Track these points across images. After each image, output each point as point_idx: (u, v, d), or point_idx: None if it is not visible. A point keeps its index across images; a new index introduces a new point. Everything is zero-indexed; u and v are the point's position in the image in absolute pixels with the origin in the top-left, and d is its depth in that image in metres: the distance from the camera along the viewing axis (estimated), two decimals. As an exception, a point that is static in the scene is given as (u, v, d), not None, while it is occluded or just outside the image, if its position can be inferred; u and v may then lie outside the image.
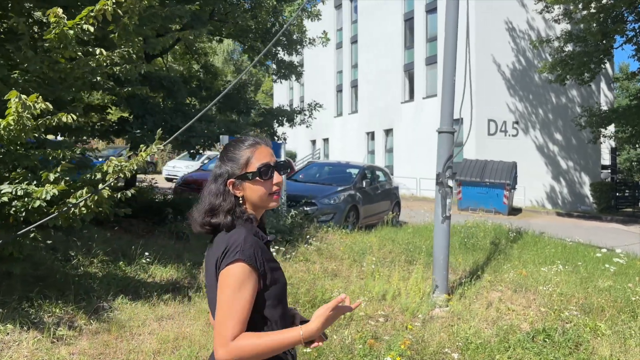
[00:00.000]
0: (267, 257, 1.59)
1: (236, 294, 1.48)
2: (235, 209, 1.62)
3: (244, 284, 1.49)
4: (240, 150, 1.65)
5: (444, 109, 5.76)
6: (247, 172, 1.62)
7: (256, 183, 1.62)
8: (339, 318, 1.68)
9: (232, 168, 1.64)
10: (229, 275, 1.49)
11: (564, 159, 26.85)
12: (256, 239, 1.58)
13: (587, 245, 10.46)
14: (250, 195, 1.63)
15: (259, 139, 1.73)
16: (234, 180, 1.63)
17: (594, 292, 6.66)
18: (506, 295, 6.51)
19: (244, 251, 1.51)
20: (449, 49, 5.76)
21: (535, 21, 25.05)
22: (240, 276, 1.49)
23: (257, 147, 1.66)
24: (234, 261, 1.50)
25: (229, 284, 1.49)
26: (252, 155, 1.64)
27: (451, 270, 7.49)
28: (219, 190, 1.64)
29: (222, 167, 1.67)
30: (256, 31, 9.88)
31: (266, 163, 1.63)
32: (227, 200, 1.62)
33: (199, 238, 7.38)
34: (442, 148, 5.75)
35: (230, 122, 7.61)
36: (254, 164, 1.62)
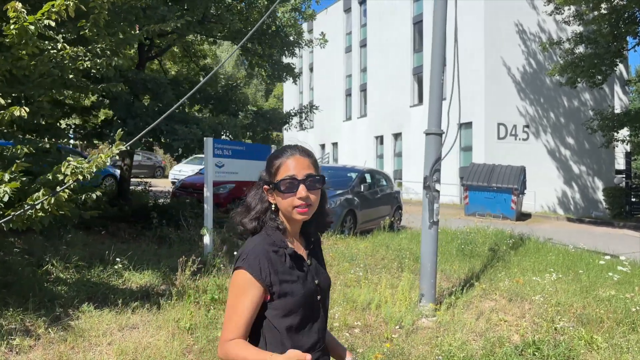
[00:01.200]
0: (278, 269, 1.58)
1: (236, 300, 1.53)
2: (265, 216, 1.64)
3: (244, 291, 1.52)
4: (275, 159, 1.65)
5: (432, 109, 5.53)
6: (274, 181, 1.62)
7: (279, 195, 1.61)
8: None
9: (266, 175, 1.66)
10: (232, 281, 1.57)
11: (577, 163, 26.31)
12: (270, 248, 1.58)
13: (592, 252, 10.10)
14: (279, 205, 1.63)
15: (298, 148, 1.69)
16: (268, 187, 1.64)
17: (594, 302, 6.34)
18: (500, 304, 6.23)
19: (248, 260, 1.54)
20: (436, 49, 5.53)
21: (547, 23, 24.61)
22: (240, 283, 1.53)
23: (290, 157, 1.63)
24: (237, 268, 1.55)
25: (231, 289, 1.56)
26: (280, 166, 1.63)
27: (445, 278, 7.23)
28: (256, 194, 1.67)
29: (263, 172, 1.69)
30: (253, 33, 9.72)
31: (291, 176, 1.59)
32: (258, 205, 1.65)
33: (183, 243, 7.22)
34: (429, 150, 5.51)
35: (217, 124, 7.44)
36: (280, 175, 1.61)
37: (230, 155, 6.78)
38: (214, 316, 4.49)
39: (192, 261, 5.21)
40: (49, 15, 4.26)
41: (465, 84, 25.75)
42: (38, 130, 5.73)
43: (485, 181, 17.92)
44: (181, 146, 6.79)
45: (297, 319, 1.61)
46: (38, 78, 4.73)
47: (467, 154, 25.02)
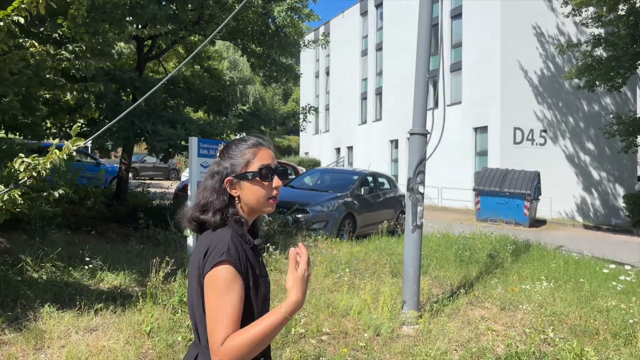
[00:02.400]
0: (252, 262, 1.51)
1: (224, 297, 1.40)
2: (228, 209, 1.55)
3: (231, 286, 1.41)
4: (242, 149, 1.59)
5: (417, 108, 5.32)
6: (247, 171, 1.55)
7: (255, 184, 1.55)
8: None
9: (232, 166, 1.57)
10: (216, 278, 1.41)
11: (596, 169, 25.59)
12: (242, 241, 1.51)
13: (600, 260, 9.71)
14: (246, 196, 1.56)
15: (262, 139, 1.65)
16: (232, 178, 1.56)
17: (591, 312, 6.04)
18: (491, 313, 5.97)
19: (230, 252, 1.43)
20: (422, 45, 5.33)
21: (566, 25, 24.05)
22: (227, 278, 1.41)
23: (260, 147, 1.60)
24: (219, 262, 1.42)
25: (215, 287, 1.41)
26: (253, 155, 1.58)
27: (437, 284, 6.99)
28: (215, 187, 1.57)
29: (220, 164, 1.60)
30: (251, 33, 9.63)
31: (267, 165, 1.57)
32: (220, 198, 1.55)
33: (170, 244, 7.12)
34: (413, 151, 5.30)
35: (206, 124, 7.33)
36: (254, 164, 1.56)
37: (217, 155, 6.65)
38: (180, 319, 4.35)
39: (165, 262, 5.08)
40: (19, 12, 4.19)
41: (480, 88, 25.49)
42: (19, 128, 5.70)
43: (498, 186, 17.52)
44: (164, 147, 6.69)
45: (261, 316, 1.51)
46: (10, 76, 4.66)
47: (482, 158, 24.57)
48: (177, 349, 3.92)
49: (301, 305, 1.45)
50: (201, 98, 8.75)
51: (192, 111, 9.41)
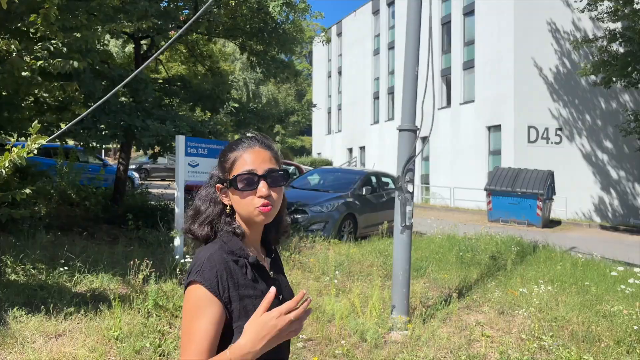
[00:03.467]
0: (239, 282, 1.30)
1: (193, 321, 1.24)
2: (220, 219, 1.38)
3: (200, 310, 1.24)
4: (230, 152, 1.40)
5: (406, 103, 5.08)
6: (227, 178, 1.36)
7: (235, 193, 1.35)
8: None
9: (219, 172, 1.41)
10: (186, 298, 1.28)
11: (615, 168, 24.92)
12: (229, 257, 1.31)
13: (613, 261, 9.34)
14: (235, 206, 1.37)
15: (257, 139, 1.42)
16: (221, 185, 1.38)
17: (595, 317, 5.74)
18: (488, 318, 5.70)
19: (204, 272, 1.26)
20: (410, 39, 5.09)
21: (582, 21, 23.46)
22: (195, 301, 1.25)
23: (248, 149, 1.38)
24: (191, 282, 1.27)
25: (185, 310, 1.27)
26: (236, 159, 1.37)
27: (435, 287, 6.73)
28: (207, 196, 1.42)
29: (215, 168, 1.44)
30: (250, 30, 9.47)
31: (249, 170, 1.33)
32: (209, 208, 1.39)
33: (160, 246, 6.98)
34: (402, 148, 5.06)
35: (197, 122, 7.16)
36: (234, 171, 1.35)
37: (206, 154, 6.49)
38: (153, 324, 4.19)
39: (145, 264, 4.93)
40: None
41: (493, 86, 25.02)
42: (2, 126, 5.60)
43: (510, 186, 17.11)
44: (152, 142, 6.55)
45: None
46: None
47: (496, 158, 24.12)
48: (144, 355, 3.75)
49: (249, 355, 1.19)
50: (197, 96, 8.62)
51: (189, 110, 9.27)
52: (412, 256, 8.09)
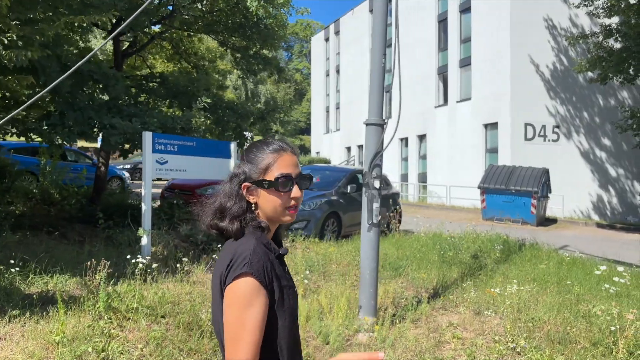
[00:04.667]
0: (277, 273, 1.40)
1: (245, 312, 1.29)
2: (246, 215, 1.46)
3: (252, 301, 1.30)
4: (262, 154, 1.48)
5: (372, 96, 4.90)
6: (264, 179, 1.45)
7: (272, 193, 1.45)
8: None
9: (250, 171, 1.48)
10: (236, 291, 1.31)
11: (613, 166, 24.67)
12: (267, 250, 1.41)
13: (603, 260, 9.12)
14: (263, 204, 1.46)
15: (286, 144, 1.53)
16: (249, 184, 1.46)
17: (575, 318, 5.54)
18: (463, 318, 5.51)
19: (252, 263, 1.33)
20: (377, 29, 4.91)
21: (579, 18, 23.20)
22: (247, 292, 1.31)
23: (282, 153, 1.48)
24: (240, 275, 1.32)
25: (235, 302, 1.31)
26: (273, 162, 1.46)
27: (411, 287, 6.55)
28: (232, 192, 1.47)
29: (240, 167, 1.51)
30: (232, 26, 9.30)
31: (287, 174, 1.45)
32: (237, 204, 1.46)
33: (130, 244, 6.81)
34: (369, 143, 4.88)
35: (168, 118, 6.96)
36: (273, 172, 1.45)
37: (175, 151, 6.33)
38: (101, 327, 4.01)
39: (103, 265, 4.76)
40: None
41: (490, 83, 24.77)
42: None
43: (504, 184, 16.88)
44: (119, 140, 6.37)
45: (293, 333, 1.43)
46: None
47: (492, 155, 23.89)
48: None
49: None
50: (173, 93, 8.44)
51: (166, 106, 9.11)
52: (393, 255, 7.94)
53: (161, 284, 5.22)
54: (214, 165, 6.91)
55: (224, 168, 7.08)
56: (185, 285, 5.27)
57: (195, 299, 4.91)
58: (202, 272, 5.79)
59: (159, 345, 3.86)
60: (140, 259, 4.88)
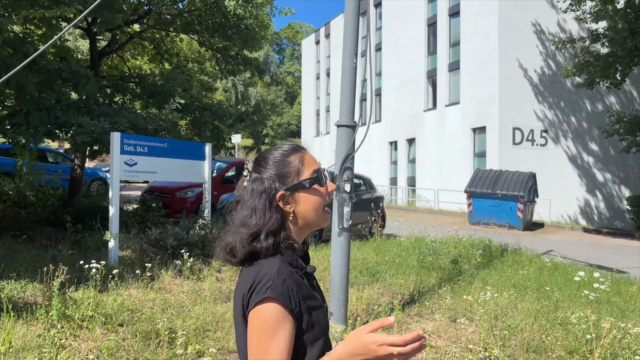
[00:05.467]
0: (305, 294, 1.29)
1: (269, 341, 1.19)
2: (281, 231, 1.33)
3: (278, 328, 1.20)
4: (285, 157, 1.39)
5: (344, 98, 4.76)
6: (301, 179, 1.36)
7: (312, 192, 1.37)
8: None
9: (281, 178, 1.36)
10: (259, 318, 1.21)
11: (601, 170, 24.72)
12: (293, 270, 1.30)
13: (588, 265, 9.02)
14: (304, 209, 1.37)
15: (297, 144, 1.46)
16: (284, 192, 1.35)
17: (552, 325, 5.41)
18: (438, 326, 5.36)
19: (276, 287, 1.21)
20: (349, 29, 4.77)
21: (567, 23, 23.24)
22: (272, 319, 1.20)
23: (302, 151, 1.42)
24: (264, 299, 1.21)
25: (259, 328, 1.20)
26: (301, 161, 1.39)
27: (388, 293, 6.39)
28: (265, 207, 1.33)
29: (264, 180, 1.36)
30: (212, 26, 9.13)
31: (318, 168, 1.40)
32: (273, 218, 1.33)
33: (99, 248, 6.61)
34: (340, 145, 4.74)
35: (139, 118, 6.76)
36: (307, 170, 1.38)
37: (145, 152, 6.14)
38: (54, 338, 3.82)
39: (61, 271, 4.56)
40: None
41: (478, 87, 24.74)
42: None
43: (490, 188, 16.81)
44: (86, 139, 6.17)
45: (318, 352, 1.30)
46: None
47: (480, 160, 23.85)
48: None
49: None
50: (148, 93, 8.25)
51: (142, 107, 8.92)
52: (372, 260, 7.78)
53: (124, 291, 5.03)
54: (187, 167, 6.73)
55: (198, 170, 6.90)
56: (150, 291, 5.09)
57: (158, 306, 4.73)
58: (169, 278, 5.60)
59: (112, 356, 3.67)
60: (95, 264, 4.68)
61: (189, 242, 6.20)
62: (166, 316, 4.51)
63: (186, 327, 4.31)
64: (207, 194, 7.15)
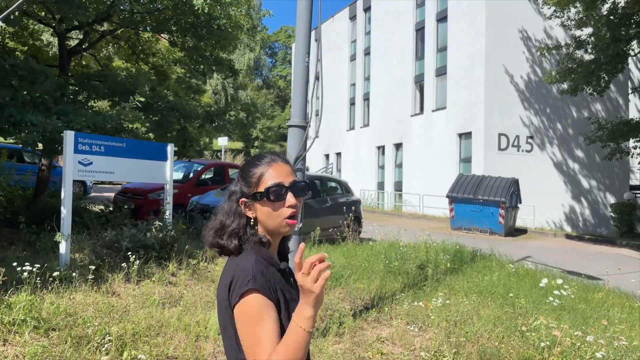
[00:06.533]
0: (280, 286, 1.41)
1: (257, 327, 1.29)
2: (246, 231, 1.47)
3: (263, 315, 1.30)
4: (254, 167, 1.50)
5: (295, 98, 4.65)
6: (256, 191, 1.46)
7: (265, 204, 1.45)
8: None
9: (244, 186, 1.50)
10: (246, 309, 1.32)
11: (586, 177, 24.76)
12: (267, 264, 1.41)
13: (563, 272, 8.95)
14: (261, 217, 1.47)
15: (277, 155, 1.55)
16: (245, 200, 1.48)
17: (510, 332, 5.30)
18: (394, 332, 5.24)
19: (256, 279, 1.33)
20: (301, 26, 4.65)
21: (554, 30, 23.29)
22: (256, 308, 1.31)
23: (272, 164, 1.49)
24: (247, 292, 1.32)
25: (247, 318, 1.31)
26: (264, 173, 1.48)
27: (349, 298, 6.27)
28: (230, 209, 1.50)
29: (236, 184, 1.53)
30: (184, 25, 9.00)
31: (278, 183, 1.46)
32: (235, 221, 1.48)
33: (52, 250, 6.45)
34: (291, 146, 4.62)
35: (98, 116, 6.60)
36: (265, 183, 1.46)
37: (102, 152, 6.00)
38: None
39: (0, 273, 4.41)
40: None
41: (465, 93, 24.72)
42: None
43: (472, 193, 16.75)
44: (37, 138, 6.02)
45: None
46: None
47: (466, 165, 23.82)
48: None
49: (315, 316, 1.28)
50: (112, 91, 8.10)
51: (111, 106, 8.77)
52: (339, 264, 7.66)
53: (69, 294, 4.88)
54: (148, 168, 6.59)
55: (159, 171, 6.76)
56: (96, 295, 4.94)
57: (100, 310, 4.58)
58: (120, 281, 5.45)
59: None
60: (29, 266, 4.53)
61: (146, 244, 6.06)
62: (107, 320, 4.36)
63: (126, 331, 4.16)
64: (169, 195, 7.01)
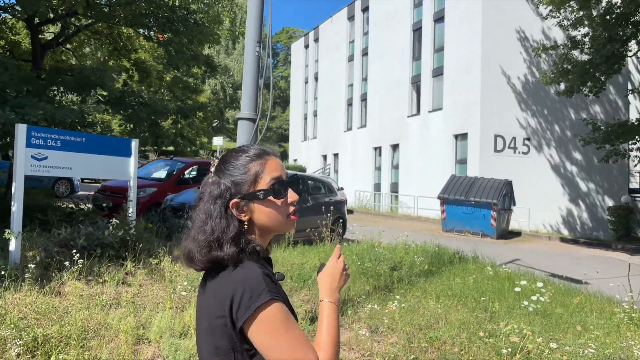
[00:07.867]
0: (283, 295, 1.31)
1: (289, 332, 1.21)
2: (241, 238, 1.28)
3: (289, 322, 1.23)
4: (244, 162, 1.32)
5: (246, 90, 4.41)
6: (256, 190, 1.30)
7: (268, 204, 1.31)
8: None
9: (236, 185, 1.30)
10: (271, 320, 1.20)
11: (584, 180, 24.43)
12: (269, 273, 1.29)
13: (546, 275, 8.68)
14: (260, 218, 1.32)
15: (267, 148, 1.39)
16: (238, 200, 1.29)
17: (476, 338, 5.06)
18: (354, 337, 5.01)
19: (271, 289, 1.23)
20: (251, 16, 4.43)
21: (552, 30, 23.00)
22: (282, 315, 1.22)
23: (267, 158, 1.34)
24: (266, 302, 1.20)
25: (274, 329, 1.20)
26: (261, 168, 1.32)
27: (313, 301, 6.03)
28: (220, 215, 1.28)
29: (221, 184, 1.30)
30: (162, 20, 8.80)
31: (279, 177, 1.33)
32: (231, 225, 1.28)
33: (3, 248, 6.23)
34: (241, 139, 4.39)
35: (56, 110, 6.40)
36: (264, 180, 1.31)
37: (58, 146, 5.79)
38: None
39: None
40: None
41: (461, 93, 24.43)
42: None
43: (463, 195, 16.48)
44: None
45: None
46: None
47: (462, 166, 23.54)
48: None
49: (338, 294, 1.40)
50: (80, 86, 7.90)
51: (79, 101, 8.58)
52: (310, 264, 7.43)
53: (10, 294, 4.67)
54: (110, 164, 6.38)
55: (121, 167, 6.54)
56: (38, 295, 4.72)
57: (38, 311, 4.36)
58: (71, 281, 5.23)
59: (-50, 366, 3.31)
60: None
61: (104, 243, 5.84)
62: (43, 322, 4.14)
63: (61, 334, 3.94)
64: (132, 192, 6.79)
